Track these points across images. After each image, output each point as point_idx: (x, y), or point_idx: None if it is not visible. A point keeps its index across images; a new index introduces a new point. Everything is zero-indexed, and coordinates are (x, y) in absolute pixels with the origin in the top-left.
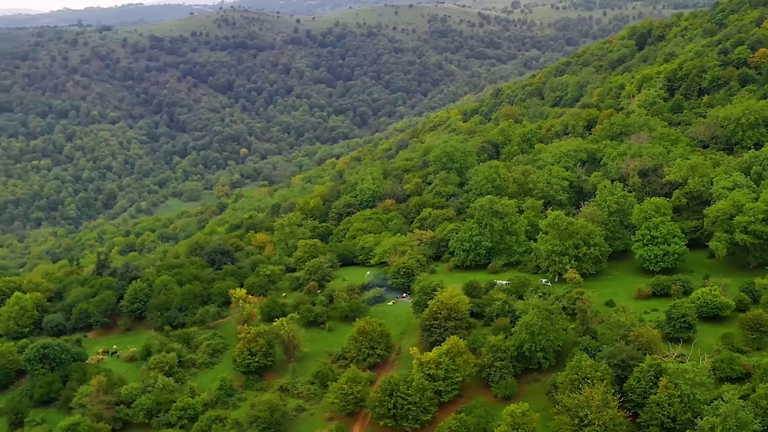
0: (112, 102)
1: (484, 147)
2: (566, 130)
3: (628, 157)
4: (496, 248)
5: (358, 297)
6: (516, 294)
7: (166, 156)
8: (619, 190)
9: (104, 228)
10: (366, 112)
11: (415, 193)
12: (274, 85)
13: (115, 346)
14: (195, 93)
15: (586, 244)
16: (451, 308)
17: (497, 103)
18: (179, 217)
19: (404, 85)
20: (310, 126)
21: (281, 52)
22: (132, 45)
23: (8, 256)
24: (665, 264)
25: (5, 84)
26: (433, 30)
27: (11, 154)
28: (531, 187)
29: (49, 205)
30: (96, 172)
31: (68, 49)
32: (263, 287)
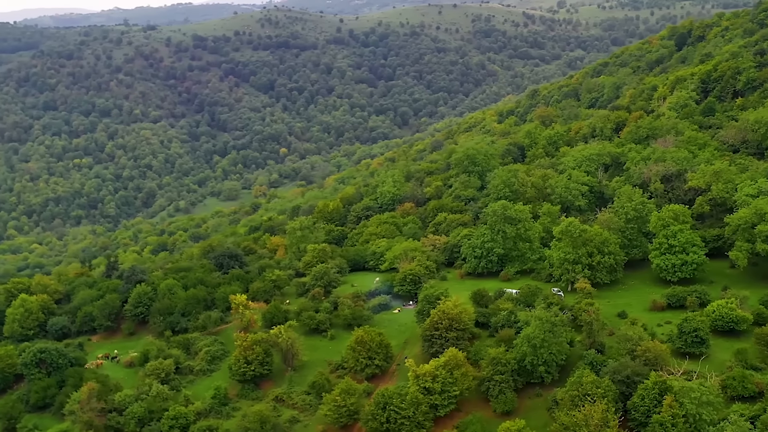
0: (154, 101)
1: (509, 150)
2: (594, 133)
3: (652, 162)
4: (509, 255)
5: (363, 304)
6: (524, 304)
7: (206, 155)
8: (638, 196)
9: (140, 227)
10: (407, 112)
11: (435, 196)
12: (316, 85)
13: (116, 350)
14: (236, 92)
15: (600, 252)
16: (452, 318)
17: (533, 104)
18: (213, 216)
19: (446, 85)
20: (350, 126)
21: (323, 51)
22: (176, 44)
23: (46, 253)
24: (683, 274)
25: (50, 83)
26: (476, 30)
27: (54, 152)
28: (549, 192)
29: (89, 203)
30: (136, 170)
31: (113, 49)
32: (268, 293)
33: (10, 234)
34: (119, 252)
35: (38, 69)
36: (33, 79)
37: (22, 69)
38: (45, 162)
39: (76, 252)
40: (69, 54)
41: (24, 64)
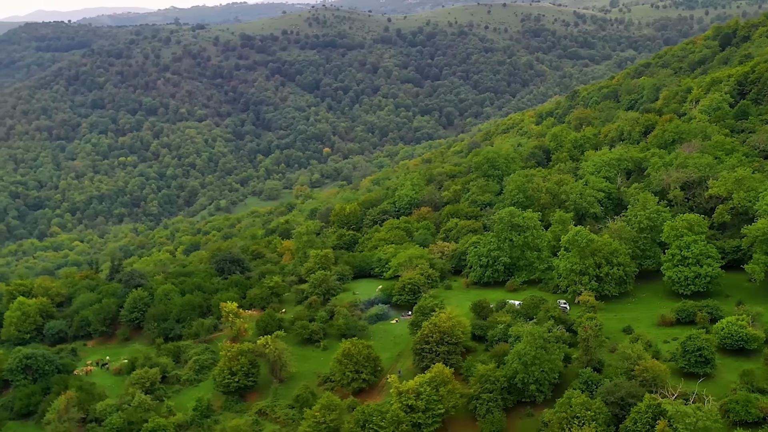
0: (200, 100)
1: (533, 153)
2: (622, 137)
3: (673, 168)
4: (516, 264)
5: (361, 314)
6: (526, 316)
7: (249, 154)
8: (653, 204)
9: (178, 226)
10: (452, 112)
11: (453, 200)
12: (361, 84)
13: (108, 357)
14: (282, 92)
15: (609, 263)
16: (444, 332)
17: (572, 105)
18: (248, 216)
19: (493, 85)
20: (394, 126)
21: (370, 51)
22: (223, 43)
23: (86, 251)
24: (696, 287)
25: (99, 81)
26: (525, 29)
27: (100, 150)
28: (564, 199)
29: (132, 201)
30: (180, 169)
31: (161, 48)
32: (265, 300)
33: (54, 231)
34: (154, 251)
35: (88, 67)
36: (82, 78)
37: (73, 67)
38: (90, 160)
39: (114, 250)
40: (118, 53)
41: (74, 63)
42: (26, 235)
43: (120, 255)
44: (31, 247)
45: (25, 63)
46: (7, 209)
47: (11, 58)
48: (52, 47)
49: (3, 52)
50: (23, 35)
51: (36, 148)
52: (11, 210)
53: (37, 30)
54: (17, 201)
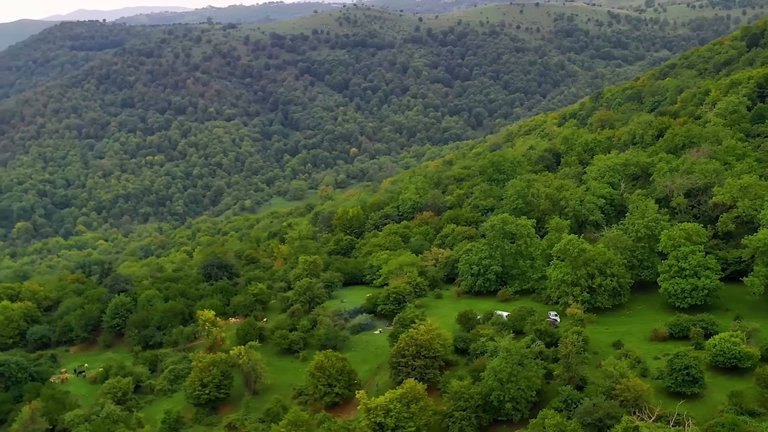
0: (229, 99)
1: (543, 156)
2: (634, 140)
3: (679, 174)
4: (509, 273)
5: (344, 323)
6: (513, 329)
7: (276, 154)
8: (652, 211)
9: (199, 225)
10: (481, 113)
11: (456, 205)
12: (390, 84)
13: (86, 364)
14: (311, 91)
15: (602, 273)
16: (421, 345)
17: (595, 107)
18: (268, 217)
19: (523, 85)
20: (422, 126)
21: (400, 50)
22: (254, 43)
23: (108, 250)
24: (693, 300)
25: (129, 80)
26: (558, 29)
27: (128, 149)
28: (564, 205)
29: (158, 200)
30: (206, 168)
31: (192, 47)
32: (248, 307)
33: (79, 230)
34: (172, 251)
35: (119, 66)
36: (113, 77)
37: (104, 66)
38: (118, 159)
39: (134, 250)
40: (149, 52)
41: (106, 62)
42: (52, 233)
43: (141, 254)
44: (56, 245)
45: (59, 62)
46: (34, 207)
47: (46, 57)
48: (86, 46)
49: (38, 51)
50: (58, 34)
51: (65, 146)
52: (38, 208)
53: (71, 29)
54: (44, 199)
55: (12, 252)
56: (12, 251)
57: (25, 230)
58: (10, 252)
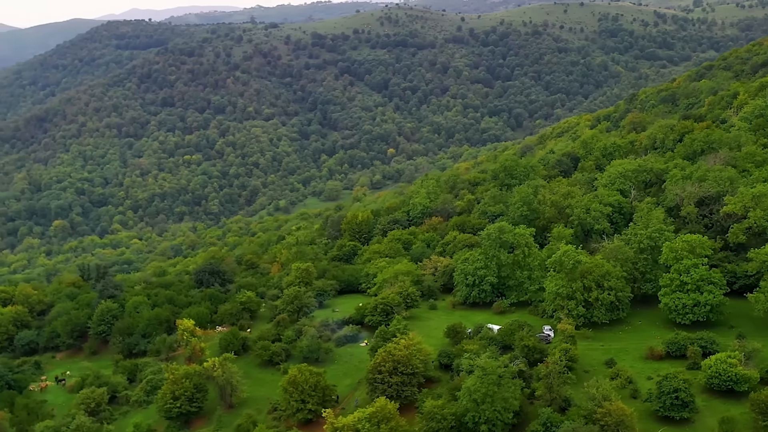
0: (268, 99)
1: (561, 161)
2: (654, 145)
3: (691, 182)
4: (506, 284)
5: (331, 335)
6: (502, 344)
7: (314, 154)
8: (657, 221)
9: (231, 226)
10: (521, 114)
11: (466, 211)
12: (430, 85)
13: (68, 372)
14: (350, 91)
15: (599, 287)
16: (398, 360)
17: (629, 109)
18: (298, 218)
19: (565, 86)
20: (461, 127)
21: (441, 50)
22: (294, 42)
23: (141, 249)
24: (695, 317)
25: (170, 79)
26: (602, 29)
27: (167, 148)
28: (569, 213)
29: (194, 199)
30: (243, 168)
31: (233, 46)
32: (235, 316)
33: (115, 228)
34: (200, 252)
35: (160, 65)
36: (154, 76)
37: (146, 65)
38: (156, 158)
39: (165, 249)
40: (191, 51)
41: (148, 61)
42: (89, 231)
43: (171, 254)
44: (90, 243)
45: (104, 61)
46: (72, 206)
47: (92, 56)
48: (131, 45)
49: (85, 50)
50: (104, 33)
51: (105, 145)
52: (76, 206)
53: (117, 28)
54: (82, 197)
55: (48, 250)
56: (48, 249)
57: (62, 228)
58: (46, 250)
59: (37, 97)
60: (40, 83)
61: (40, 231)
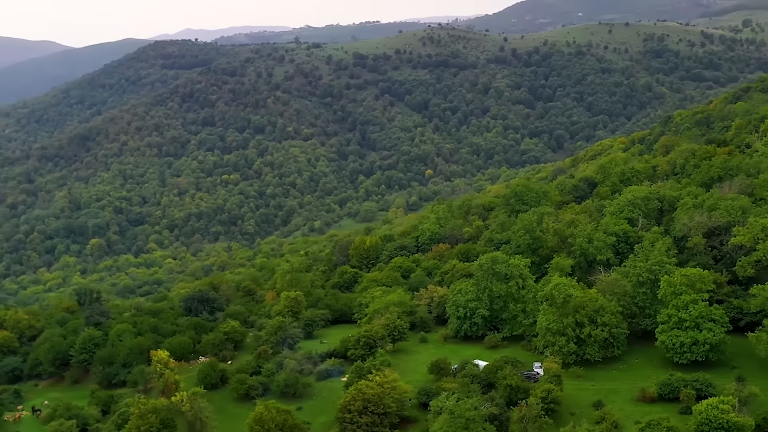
0: (308, 118)
1: (577, 186)
2: (674, 170)
3: (701, 211)
4: (500, 317)
5: (312, 368)
6: (486, 382)
7: (351, 175)
8: (659, 253)
9: (261, 247)
10: (562, 135)
11: (475, 237)
12: (470, 105)
13: (45, 402)
14: (390, 111)
15: (593, 322)
16: (369, 399)
17: (663, 131)
18: (327, 239)
19: (607, 107)
20: (500, 148)
21: (482, 71)
22: (336, 62)
23: (174, 269)
24: (693, 356)
25: (212, 99)
26: (647, 50)
27: (205, 167)
28: (572, 243)
29: (230, 219)
30: (280, 188)
31: (275, 66)
32: (217, 346)
33: (150, 248)
34: (227, 273)
35: (202, 85)
36: (196, 95)
37: (188, 85)
38: (194, 177)
39: (196, 270)
40: (233, 71)
41: (191, 80)
42: (125, 250)
43: (201, 274)
44: (125, 262)
45: (149, 80)
46: (109, 224)
47: (138, 75)
48: (176, 65)
49: (131, 69)
50: (151, 53)
51: (145, 164)
52: (113, 225)
53: (164, 48)
54: (119, 216)
55: (83, 268)
56: (83, 267)
57: (98, 247)
58: (81, 268)
59: (83, 116)
60: (87, 102)
61: (77, 249)
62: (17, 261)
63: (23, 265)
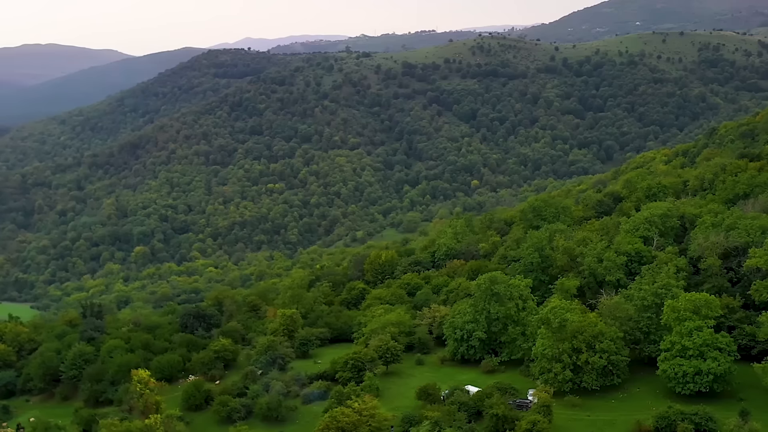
0: (355, 128)
1: (601, 201)
2: (703, 186)
3: (719, 230)
4: (499, 339)
5: (299, 390)
6: (474, 409)
7: (397, 184)
8: (667, 275)
9: (300, 257)
10: (612, 146)
11: (490, 254)
12: (519, 115)
13: (32, 419)
14: (437, 121)
15: (591, 348)
16: (343, 428)
17: (707, 144)
18: (365, 249)
19: (659, 118)
20: (548, 159)
21: (532, 80)
22: (385, 71)
23: (214, 277)
24: (696, 386)
25: (260, 108)
26: (702, 59)
27: (251, 176)
28: (580, 262)
29: (273, 228)
30: (324, 197)
31: (323, 75)
32: (206, 365)
33: (193, 256)
34: (261, 283)
35: (251, 94)
36: (245, 104)
37: (238, 94)
38: (240, 186)
39: (234, 279)
40: (282, 80)
41: (240, 89)
42: (168, 258)
43: (238, 284)
44: (167, 270)
45: (201, 89)
46: (154, 232)
47: (190, 84)
48: (228, 74)
49: (184, 78)
50: (204, 62)
51: (192, 172)
52: (158, 233)
53: (217, 57)
54: (164, 224)
55: (126, 276)
56: (126, 275)
57: (142, 255)
58: (124, 276)
59: (136, 124)
60: (141, 110)
61: (122, 257)
62: (63, 267)
63: (68, 272)
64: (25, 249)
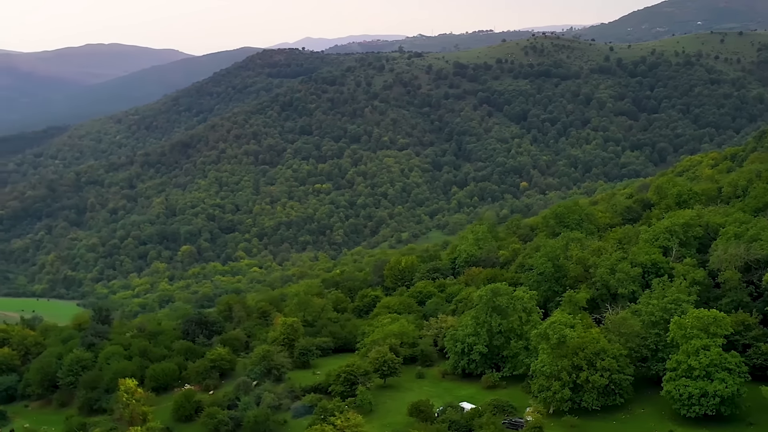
0: (404, 128)
1: (630, 208)
2: (737, 193)
3: (742, 241)
4: (501, 353)
5: (290, 404)
6: (465, 428)
7: (444, 186)
8: (679, 289)
9: (343, 258)
10: (665, 148)
11: (510, 261)
12: (570, 116)
13: (27, 425)
14: (488, 122)
15: (592, 366)
16: None
17: (756, 148)
18: (407, 252)
19: (715, 120)
20: (599, 161)
21: (585, 81)
22: (436, 71)
23: (257, 277)
24: (702, 409)
25: (310, 108)
26: (761, 60)
27: (299, 176)
28: (593, 273)
29: (319, 229)
30: (371, 198)
31: (374, 75)
32: (202, 374)
33: (239, 255)
34: (295, 285)
35: (302, 94)
36: (295, 104)
37: (288, 94)
38: (287, 186)
39: (274, 280)
40: (333, 80)
41: (291, 89)
42: (214, 257)
43: (278, 284)
44: (212, 270)
45: (255, 88)
46: (201, 231)
47: (244, 83)
48: (281, 74)
49: (238, 78)
50: (258, 62)
51: (241, 171)
52: (205, 232)
53: (271, 57)
54: (212, 223)
55: (171, 275)
56: (171, 274)
57: (189, 254)
58: (169, 275)
59: (189, 124)
60: (195, 110)
61: (169, 255)
62: (111, 266)
63: (116, 270)
64: (75, 246)
